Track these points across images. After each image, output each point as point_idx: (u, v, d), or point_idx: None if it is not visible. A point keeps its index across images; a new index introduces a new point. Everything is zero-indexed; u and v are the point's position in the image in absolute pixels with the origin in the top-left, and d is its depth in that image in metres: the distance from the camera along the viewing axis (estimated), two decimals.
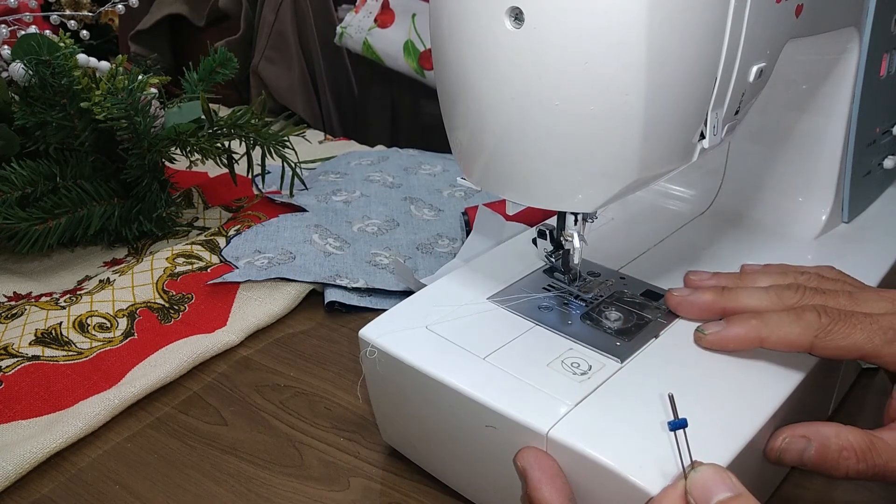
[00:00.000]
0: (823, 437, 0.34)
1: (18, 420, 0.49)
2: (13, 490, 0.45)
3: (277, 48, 1.08)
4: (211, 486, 0.45)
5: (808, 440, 0.34)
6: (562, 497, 0.33)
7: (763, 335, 0.37)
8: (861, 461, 0.33)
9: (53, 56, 0.63)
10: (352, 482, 0.45)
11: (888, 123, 0.56)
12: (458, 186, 0.80)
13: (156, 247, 0.71)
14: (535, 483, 0.33)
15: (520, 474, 0.35)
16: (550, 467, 0.34)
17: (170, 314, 0.59)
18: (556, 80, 0.33)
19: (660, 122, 0.34)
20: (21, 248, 0.64)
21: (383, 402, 0.44)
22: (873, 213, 0.56)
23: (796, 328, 0.37)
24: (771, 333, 0.37)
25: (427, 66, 1.01)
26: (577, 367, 0.39)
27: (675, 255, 0.50)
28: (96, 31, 1.01)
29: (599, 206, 0.37)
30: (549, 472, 0.34)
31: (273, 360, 0.56)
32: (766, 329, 0.37)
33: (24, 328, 0.57)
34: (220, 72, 0.75)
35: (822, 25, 0.44)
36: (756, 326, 0.38)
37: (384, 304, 0.61)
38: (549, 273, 0.47)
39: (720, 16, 0.34)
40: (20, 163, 0.64)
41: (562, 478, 0.34)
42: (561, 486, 0.33)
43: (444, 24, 0.36)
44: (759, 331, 0.37)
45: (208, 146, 0.70)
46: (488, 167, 0.38)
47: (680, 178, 0.57)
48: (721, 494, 0.30)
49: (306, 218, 0.71)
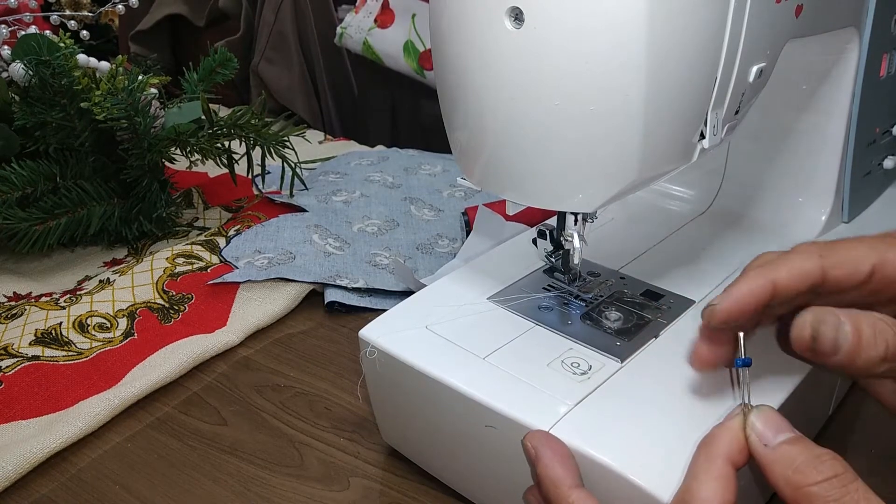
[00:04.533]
0: (854, 318, 0.30)
1: (18, 420, 0.49)
2: (13, 490, 0.45)
3: (277, 48, 1.08)
4: (211, 487, 0.45)
5: (838, 317, 0.30)
6: (574, 476, 0.33)
7: (772, 277, 0.33)
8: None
9: (53, 56, 0.63)
10: (352, 482, 0.45)
11: (888, 123, 0.56)
12: (458, 186, 0.80)
13: (156, 247, 0.71)
14: (547, 461, 0.33)
15: (528, 456, 0.34)
16: (561, 448, 0.34)
17: (170, 314, 0.59)
18: (556, 80, 0.33)
19: (660, 122, 0.34)
20: (21, 248, 0.64)
21: (383, 402, 0.44)
22: (873, 213, 0.56)
23: (798, 259, 0.33)
24: (779, 270, 0.34)
25: (427, 66, 1.01)
26: (577, 367, 0.39)
27: (675, 255, 0.50)
28: (96, 32, 1.01)
29: (599, 206, 0.37)
30: (561, 451, 0.34)
31: (273, 360, 0.56)
32: (774, 269, 0.34)
33: (24, 328, 0.57)
34: (220, 72, 0.75)
35: (822, 25, 0.44)
36: (762, 272, 0.34)
37: (384, 304, 0.61)
38: (549, 273, 0.47)
39: (720, 16, 0.34)
40: (20, 163, 0.65)
41: (572, 458, 0.34)
42: (573, 466, 0.33)
43: (444, 24, 0.36)
44: (767, 274, 0.34)
45: (208, 146, 0.70)
46: (488, 167, 0.38)
47: (680, 178, 0.57)
48: (785, 434, 0.29)
49: (306, 218, 0.71)
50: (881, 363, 0.30)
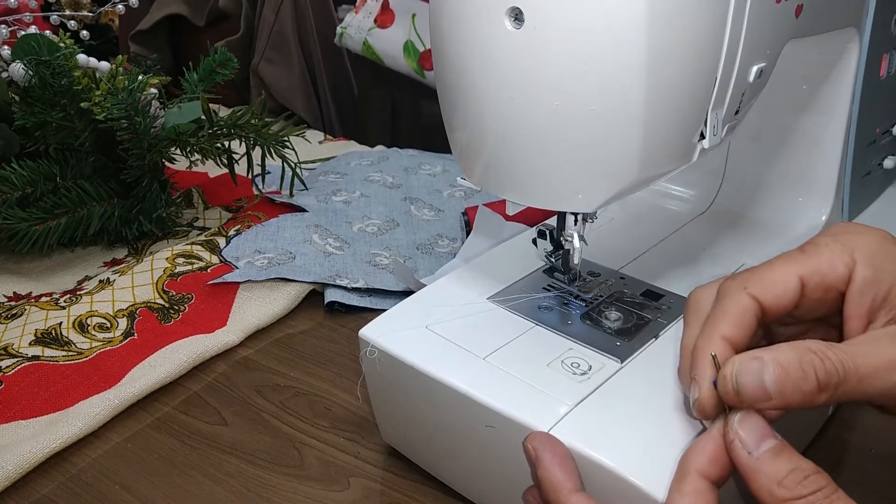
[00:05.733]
0: (781, 355, 0.29)
1: (18, 420, 0.49)
2: (13, 490, 0.45)
3: (277, 48, 1.08)
4: (211, 486, 0.45)
5: (761, 360, 0.30)
6: (574, 479, 0.33)
7: (720, 334, 0.32)
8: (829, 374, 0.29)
9: (53, 56, 0.63)
10: (352, 482, 0.45)
11: (888, 123, 0.56)
12: (458, 186, 0.80)
13: (156, 247, 0.71)
14: (547, 464, 0.33)
15: (529, 457, 0.34)
16: (562, 450, 0.34)
17: (170, 314, 0.59)
18: (556, 80, 0.33)
19: (660, 122, 0.34)
20: (21, 248, 0.64)
21: (383, 402, 0.44)
22: (873, 213, 0.56)
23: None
24: (720, 325, 0.32)
25: (427, 66, 1.01)
26: (577, 367, 0.39)
27: (675, 255, 0.50)
28: (96, 32, 1.01)
29: (599, 206, 0.37)
30: (561, 454, 0.34)
31: (273, 360, 0.56)
32: (715, 325, 0.32)
33: (24, 328, 0.57)
34: (220, 72, 0.75)
35: (822, 25, 0.44)
36: (710, 333, 0.32)
37: (384, 304, 0.61)
38: (549, 273, 0.47)
39: (720, 16, 0.34)
40: (20, 163, 0.64)
41: (573, 461, 0.34)
42: (573, 469, 0.33)
43: (444, 24, 0.36)
44: (713, 334, 0.32)
45: (208, 146, 0.70)
46: (488, 167, 0.38)
47: (680, 178, 0.57)
48: (768, 443, 0.29)
49: (306, 218, 0.71)
50: (819, 394, 0.29)
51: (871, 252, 0.32)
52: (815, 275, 0.32)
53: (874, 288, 0.32)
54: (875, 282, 0.32)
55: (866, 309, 0.32)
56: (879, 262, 0.32)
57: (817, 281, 0.32)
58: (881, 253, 0.32)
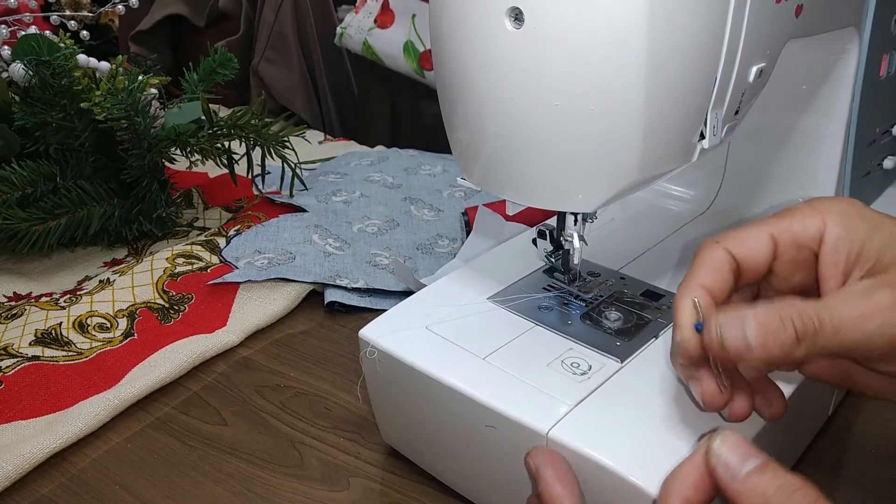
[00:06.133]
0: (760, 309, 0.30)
1: (18, 420, 0.49)
2: (13, 490, 0.45)
3: (277, 48, 1.08)
4: (211, 487, 0.45)
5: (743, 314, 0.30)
6: (574, 495, 0.33)
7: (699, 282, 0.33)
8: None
9: (53, 56, 0.63)
10: (352, 482, 0.45)
11: (888, 123, 0.56)
12: (458, 186, 0.80)
13: (156, 247, 0.71)
14: (548, 480, 0.34)
15: (531, 473, 0.35)
16: (563, 467, 0.34)
17: (170, 314, 0.59)
18: (556, 80, 0.33)
19: (660, 122, 0.34)
20: (21, 248, 0.64)
21: (383, 402, 0.44)
22: None
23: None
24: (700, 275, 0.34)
25: (427, 66, 1.01)
26: (577, 367, 0.39)
27: (675, 255, 0.50)
28: (96, 32, 1.01)
29: (599, 207, 0.37)
30: (562, 470, 0.34)
31: (273, 361, 0.56)
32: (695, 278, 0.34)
33: (24, 328, 0.57)
34: (220, 72, 0.75)
35: (822, 25, 0.44)
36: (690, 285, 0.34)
37: (384, 304, 0.61)
38: (549, 273, 0.47)
39: (720, 16, 0.34)
40: (20, 163, 0.65)
41: (573, 477, 0.34)
42: (573, 485, 0.34)
43: (444, 24, 0.36)
44: (692, 284, 0.34)
45: (208, 146, 0.70)
46: (488, 167, 0.38)
47: (680, 178, 0.57)
48: (752, 462, 0.29)
49: (306, 218, 0.71)
50: (797, 344, 0.30)
51: (840, 212, 0.33)
52: (786, 233, 0.34)
53: (846, 246, 0.33)
54: (847, 240, 0.33)
55: (840, 268, 0.33)
56: (849, 222, 0.33)
57: (789, 239, 0.34)
58: (851, 212, 0.33)
